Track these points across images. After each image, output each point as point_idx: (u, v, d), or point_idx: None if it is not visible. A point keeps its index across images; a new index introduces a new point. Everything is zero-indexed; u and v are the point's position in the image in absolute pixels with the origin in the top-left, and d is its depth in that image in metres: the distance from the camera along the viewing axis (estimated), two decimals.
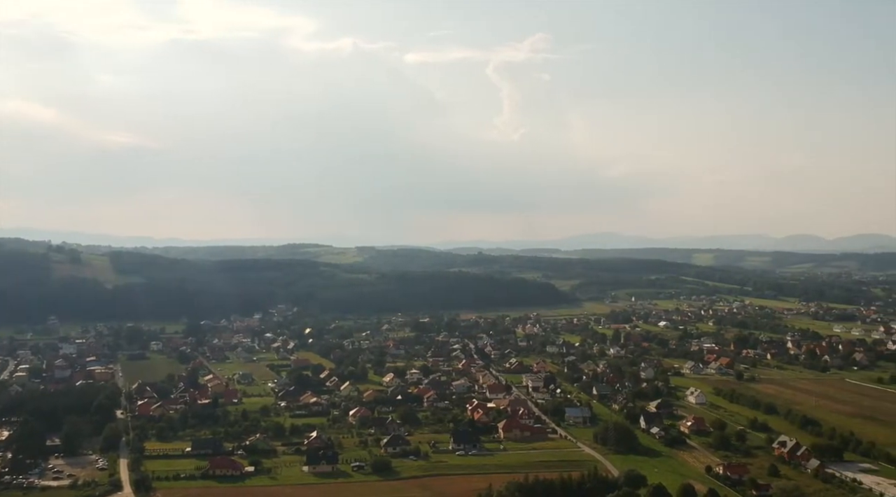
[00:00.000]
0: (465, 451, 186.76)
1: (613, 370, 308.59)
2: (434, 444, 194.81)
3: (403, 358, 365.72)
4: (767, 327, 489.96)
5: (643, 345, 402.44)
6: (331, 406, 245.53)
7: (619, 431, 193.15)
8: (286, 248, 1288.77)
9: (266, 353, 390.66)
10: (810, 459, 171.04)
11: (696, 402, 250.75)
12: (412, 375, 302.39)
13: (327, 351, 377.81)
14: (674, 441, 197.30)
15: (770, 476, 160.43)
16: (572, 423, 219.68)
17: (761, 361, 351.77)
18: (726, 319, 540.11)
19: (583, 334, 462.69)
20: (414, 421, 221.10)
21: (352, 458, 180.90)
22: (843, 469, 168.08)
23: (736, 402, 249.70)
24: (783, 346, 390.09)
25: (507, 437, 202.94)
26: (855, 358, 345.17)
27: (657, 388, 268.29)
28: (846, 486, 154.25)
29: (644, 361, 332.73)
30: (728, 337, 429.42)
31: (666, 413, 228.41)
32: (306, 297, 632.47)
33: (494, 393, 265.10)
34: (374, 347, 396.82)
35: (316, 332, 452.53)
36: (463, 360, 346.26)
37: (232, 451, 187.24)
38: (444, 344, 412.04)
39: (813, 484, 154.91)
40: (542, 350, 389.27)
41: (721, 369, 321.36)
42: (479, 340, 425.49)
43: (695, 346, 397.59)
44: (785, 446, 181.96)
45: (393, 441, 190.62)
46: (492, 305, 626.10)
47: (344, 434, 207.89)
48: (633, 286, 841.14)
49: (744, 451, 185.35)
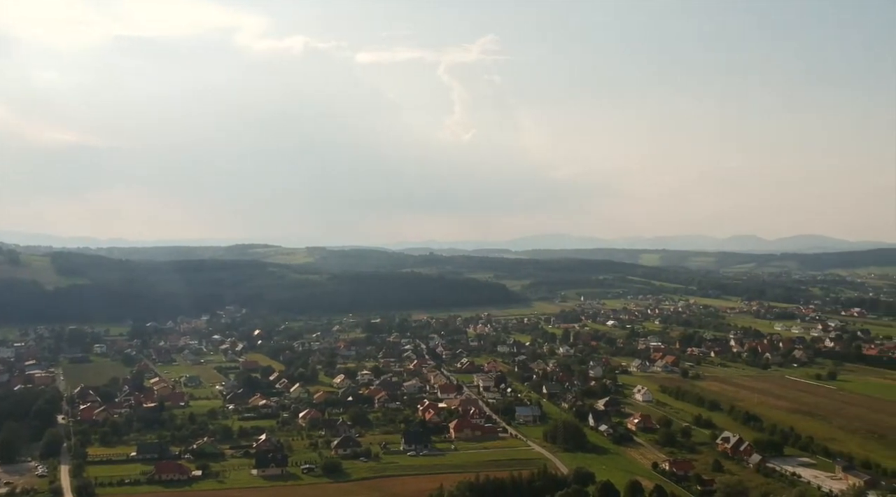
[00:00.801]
0: (416, 452, 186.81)
1: (563, 369, 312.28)
2: (385, 444, 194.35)
3: (354, 359, 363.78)
4: (711, 326, 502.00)
5: (592, 344, 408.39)
6: (280, 408, 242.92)
7: (568, 429, 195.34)
8: (234, 248, 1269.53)
9: (214, 356, 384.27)
10: (752, 454, 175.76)
11: (642, 399, 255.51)
12: (363, 376, 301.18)
13: (277, 352, 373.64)
14: (621, 438, 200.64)
15: (714, 471, 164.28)
16: (523, 422, 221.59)
17: (705, 359, 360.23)
18: (672, 318, 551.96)
19: (533, 334, 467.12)
20: (365, 422, 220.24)
21: (302, 460, 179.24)
22: (784, 463, 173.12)
23: (681, 400, 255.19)
24: (726, 344, 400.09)
25: (459, 436, 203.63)
26: (795, 355, 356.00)
27: (605, 387, 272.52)
28: (786, 480, 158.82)
29: (593, 360, 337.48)
30: (674, 335, 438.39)
31: (614, 411, 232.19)
32: (255, 299, 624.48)
33: (446, 393, 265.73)
34: (324, 349, 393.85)
35: (265, 334, 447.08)
36: (414, 361, 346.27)
37: (179, 455, 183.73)
38: (395, 344, 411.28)
39: (755, 478, 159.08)
40: (493, 350, 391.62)
41: (667, 367, 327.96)
42: (431, 341, 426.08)
43: (642, 344, 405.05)
44: (728, 442, 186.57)
45: (343, 442, 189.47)
46: (443, 306, 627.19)
47: (294, 436, 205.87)
48: (582, 286, 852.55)
49: (689, 448, 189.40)
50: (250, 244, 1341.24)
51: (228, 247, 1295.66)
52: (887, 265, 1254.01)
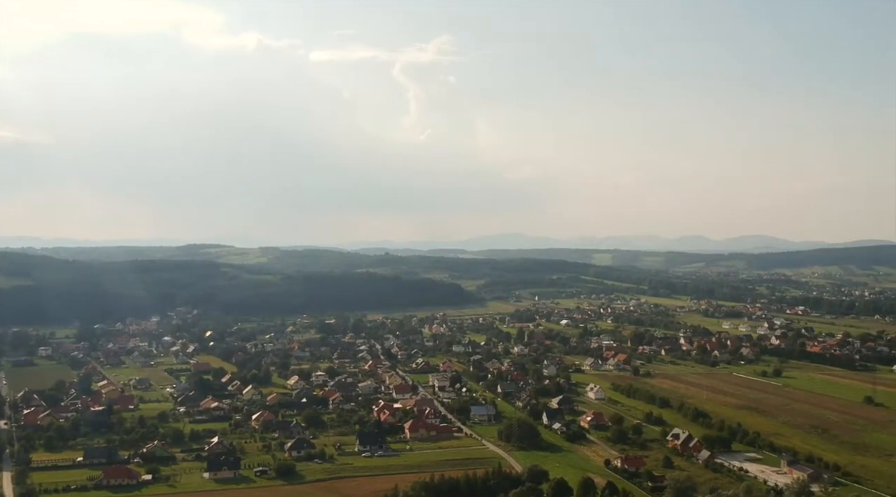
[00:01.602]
0: (370, 453, 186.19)
1: (517, 368, 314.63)
2: (340, 446, 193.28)
3: (309, 360, 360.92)
4: (662, 324, 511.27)
5: (546, 343, 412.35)
6: (233, 410, 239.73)
7: (522, 428, 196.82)
8: (186, 248, 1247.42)
9: (164, 358, 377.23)
10: (701, 450, 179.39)
11: (595, 397, 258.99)
12: (317, 377, 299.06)
13: (229, 354, 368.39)
14: (575, 436, 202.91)
15: (665, 468, 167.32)
16: (478, 422, 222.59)
17: (656, 357, 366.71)
18: (624, 317, 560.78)
19: (488, 333, 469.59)
20: (319, 423, 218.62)
21: (255, 462, 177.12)
22: (731, 459, 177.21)
23: (633, 397, 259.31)
24: (676, 343, 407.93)
25: (414, 437, 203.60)
26: (742, 352, 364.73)
27: (559, 385, 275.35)
28: (734, 475, 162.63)
29: (547, 359, 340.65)
30: (625, 334, 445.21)
31: (567, 409, 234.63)
32: (207, 299, 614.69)
33: (401, 393, 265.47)
34: (278, 350, 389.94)
35: (217, 335, 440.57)
36: (369, 361, 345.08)
37: (128, 460, 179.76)
38: (350, 345, 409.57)
39: (704, 474, 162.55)
40: (448, 350, 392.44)
41: (619, 365, 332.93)
42: (386, 341, 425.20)
43: (594, 343, 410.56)
44: (678, 438, 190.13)
45: (297, 444, 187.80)
46: (399, 306, 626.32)
47: (247, 439, 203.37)
48: (536, 286, 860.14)
49: (640, 444, 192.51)
50: (202, 244, 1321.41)
51: (180, 247, 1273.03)
52: (829, 265, 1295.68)
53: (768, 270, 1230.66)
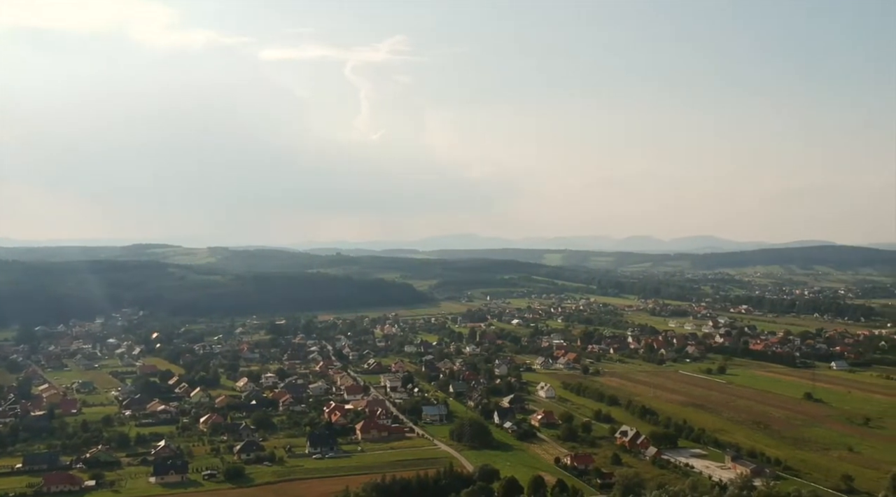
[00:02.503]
0: (321, 455, 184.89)
1: (469, 368, 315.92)
2: (290, 448, 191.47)
3: (258, 361, 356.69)
4: (610, 323, 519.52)
5: (497, 342, 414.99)
6: (180, 413, 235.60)
7: (474, 427, 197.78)
8: (132, 248, 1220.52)
9: (109, 360, 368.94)
10: (649, 447, 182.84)
11: (546, 396, 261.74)
12: (267, 379, 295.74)
13: (177, 356, 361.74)
14: (525, 435, 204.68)
15: (613, 465, 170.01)
16: (429, 422, 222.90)
17: (605, 356, 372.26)
18: (573, 316, 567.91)
19: (440, 333, 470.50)
20: (269, 426, 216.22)
21: (203, 466, 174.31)
22: (677, 455, 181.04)
23: (582, 395, 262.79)
24: (624, 341, 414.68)
25: (365, 437, 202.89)
26: (688, 351, 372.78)
27: (510, 384, 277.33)
28: (680, 471, 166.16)
29: (498, 358, 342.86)
30: (575, 333, 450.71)
31: (518, 408, 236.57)
32: (154, 300, 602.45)
33: (352, 394, 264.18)
34: (227, 351, 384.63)
35: (164, 337, 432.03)
36: (320, 362, 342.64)
37: (70, 465, 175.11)
38: (300, 346, 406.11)
39: (651, 470, 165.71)
40: (400, 350, 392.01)
41: (569, 364, 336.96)
42: (338, 342, 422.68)
43: (545, 342, 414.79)
44: (626, 436, 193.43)
45: (247, 447, 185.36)
46: (350, 306, 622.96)
47: (195, 442, 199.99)
48: (488, 285, 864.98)
49: (589, 442, 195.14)
50: (149, 244, 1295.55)
51: (126, 247, 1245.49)
52: (771, 264, 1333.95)
53: (713, 270, 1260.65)
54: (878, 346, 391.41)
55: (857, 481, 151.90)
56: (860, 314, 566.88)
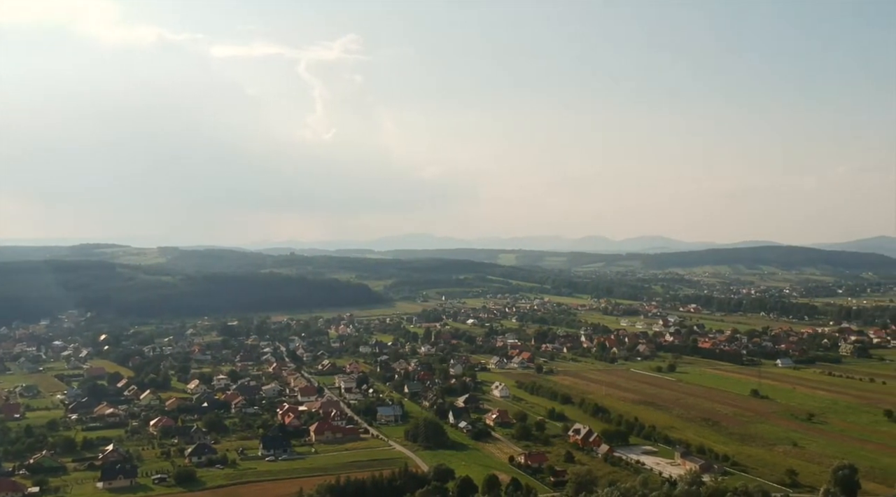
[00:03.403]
0: (275, 457, 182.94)
1: (424, 368, 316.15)
2: (242, 450, 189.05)
3: (210, 363, 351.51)
4: (564, 323, 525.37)
5: (453, 342, 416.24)
6: (129, 417, 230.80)
7: (428, 428, 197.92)
8: (78, 248, 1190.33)
9: (55, 363, 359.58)
10: (601, 445, 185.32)
11: (500, 395, 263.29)
12: (219, 381, 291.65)
13: (125, 358, 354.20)
14: (480, 434, 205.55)
15: (566, 462, 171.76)
16: (384, 422, 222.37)
17: (559, 354, 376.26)
18: (528, 316, 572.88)
19: (395, 333, 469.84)
20: (221, 428, 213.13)
21: (153, 470, 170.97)
22: (629, 452, 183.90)
23: (536, 394, 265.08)
24: (578, 340, 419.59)
25: (319, 439, 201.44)
26: (639, 349, 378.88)
27: (465, 384, 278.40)
28: (631, 468, 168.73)
29: (453, 358, 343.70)
30: (529, 332, 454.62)
31: (473, 407, 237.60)
32: (102, 302, 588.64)
33: (306, 395, 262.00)
34: (177, 353, 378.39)
35: (112, 339, 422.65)
36: (274, 364, 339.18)
37: (12, 472, 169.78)
38: (253, 347, 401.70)
39: (603, 468, 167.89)
40: (355, 350, 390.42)
41: (523, 363, 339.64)
42: (291, 343, 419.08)
43: (500, 342, 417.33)
44: (579, 434, 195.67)
45: (198, 450, 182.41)
46: (304, 307, 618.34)
47: (144, 446, 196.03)
48: (443, 286, 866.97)
49: (543, 440, 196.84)
50: (96, 244, 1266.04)
51: (72, 247, 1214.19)
52: (719, 264, 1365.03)
53: (663, 269, 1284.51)
54: (821, 343, 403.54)
55: (800, 475, 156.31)
56: (804, 313, 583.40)
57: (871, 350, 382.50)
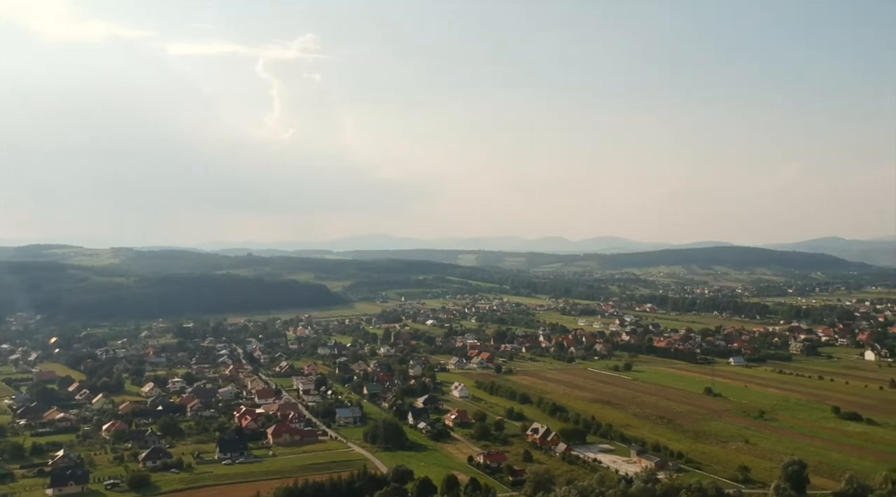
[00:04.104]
0: (231, 460, 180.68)
1: (384, 369, 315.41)
2: (198, 454, 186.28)
3: (165, 366, 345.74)
4: (523, 323, 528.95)
5: (412, 343, 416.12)
6: (81, 421, 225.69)
7: (388, 429, 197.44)
8: (28, 249, 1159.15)
9: (2, 367, 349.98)
10: (559, 444, 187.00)
11: (459, 395, 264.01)
12: (174, 384, 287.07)
13: (77, 361, 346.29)
14: (439, 434, 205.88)
15: (525, 462, 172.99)
16: (343, 424, 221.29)
17: (518, 354, 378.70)
18: (487, 316, 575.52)
19: (354, 335, 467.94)
20: (176, 432, 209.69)
21: (105, 475, 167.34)
22: (586, 451, 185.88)
23: (495, 394, 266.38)
24: (536, 340, 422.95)
25: (277, 442, 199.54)
26: (596, 348, 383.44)
27: (424, 385, 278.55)
28: (588, 466, 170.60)
29: (413, 359, 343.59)
30: (489, 333, 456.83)
31: (432, 408, 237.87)
32: (52, 304, 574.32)
33: (263, 398, 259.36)
34: (131, 356, 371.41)
35: (64, 342, 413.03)
36: (230, 366, 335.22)
37: None
38: (210, 350, 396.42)
39: (561, 466, 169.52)
40: (313, 352, 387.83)
41: (482, 363, 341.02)
42: (248, 345, 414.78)
43: (459, 342, 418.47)
44: (537, 433, 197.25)
45: (152, 454, 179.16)
46: (262, 308, 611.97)
47: (97, 451, 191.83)
48: (402, 286, 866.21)
49: (502, 440, 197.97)
50: (47, 245, 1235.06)
51: (21, 247, 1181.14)
52: (674, 264, 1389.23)
53: (619, 270, 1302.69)
54: (772, 342, 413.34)
55: (752, 471, 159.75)
56: (755, 312, 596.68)
57: (820, 348, 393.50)
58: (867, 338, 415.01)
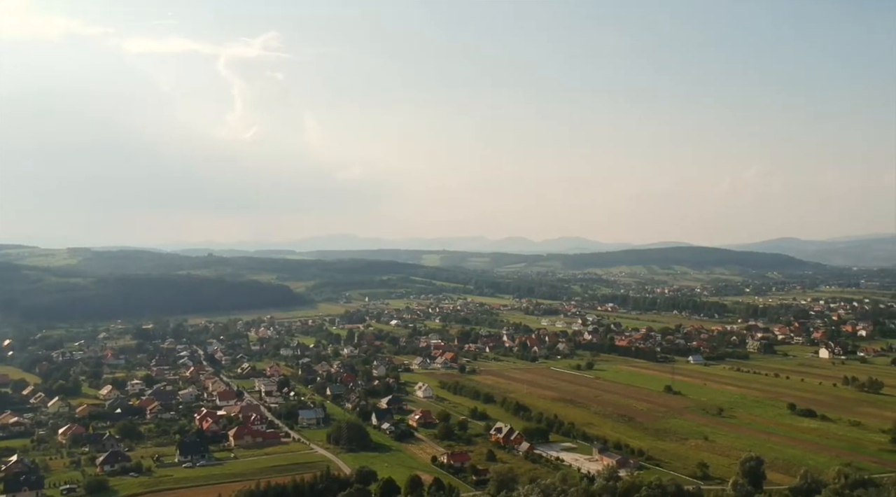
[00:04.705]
0: (192, 463, 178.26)
1: (347, 370, 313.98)
2: (158, 457, 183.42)
3: (124, 368, 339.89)
4: (486, 322, 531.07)
5: (376, 343, 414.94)
6: (36, 425, 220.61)
7: (351, 430, 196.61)
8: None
9: None
10: (522, 442, 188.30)
11: (423, 395, 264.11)
12: (134, 386, 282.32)
13: (32, 364, 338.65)
14: (403, 435, 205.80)
15: (488, 461, 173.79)
16: (306, 426, 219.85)
17: (481, 354, 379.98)
18: (451, 316, 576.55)
19: (317, 335, 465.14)
20: (136, 435, 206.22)
21: (62, 480, 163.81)
22: (549, 449, 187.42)
23: (459, 394, 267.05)
24: (500, 340, 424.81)
25: (239, 444, 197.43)
26: (559, 348, 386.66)
27: (388, 385, 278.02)
28: (551, 465, 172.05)
29: (377, 360, 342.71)
30: (452, 333, 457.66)
31: (396, 408, 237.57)
32: (6, 305, 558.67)
33: (225, 400, 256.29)
34: (89, 358, 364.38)
35: (18, 344, 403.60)
36: (191, 368, 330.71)
37: None
38: (170, 351, 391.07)
39: (524, 465, 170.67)
40: (276, 353, 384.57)
41: (446, 363, 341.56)
42: (209, 346, 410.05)
43: (423, 342, 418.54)
44: (501, 432, 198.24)
45: (110, 458, 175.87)
46: (223, 309, 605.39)
47: (52, 455, 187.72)
48: (366, 287, 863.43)
49: (466, 440, 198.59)
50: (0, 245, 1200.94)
51: None
52: (635, 264, 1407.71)
53: (582, 270, 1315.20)
54: (730, 340, 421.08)
55: (711, 468, 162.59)
56: (714, 311, 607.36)
57: (776, 346, 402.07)
58: (822, 336, 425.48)
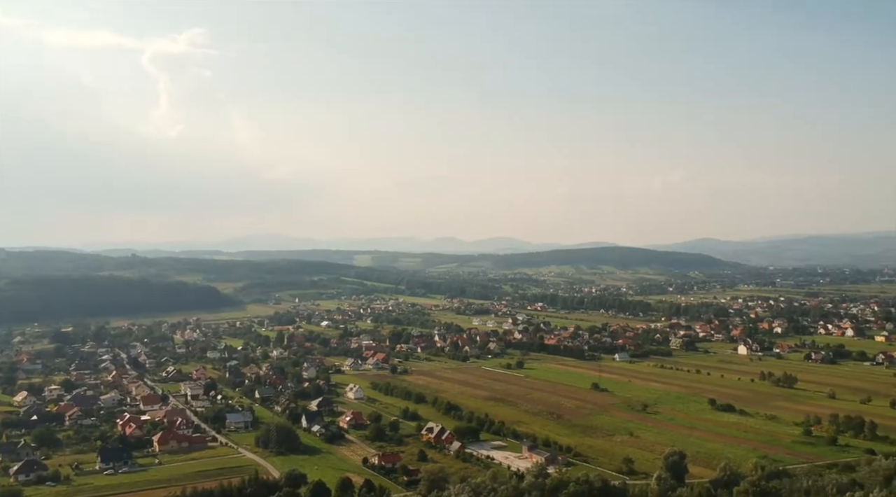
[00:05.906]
0: (114, 470, 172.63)
1: (276, 372, 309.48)
2: (77, 465, 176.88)
3: (41, 373, 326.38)
4: (418, 323, 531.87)
5: (306, 345, 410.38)
6: None
7: (280, 433, 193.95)
8: None
9: None
10: (453, 442, 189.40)
11: (354, 397, 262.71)
12: (51, 392, 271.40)
13: None
14: (334, 437, 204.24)
15: (419, 461, 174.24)
16: (234, 429, 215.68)
17: (413, 354, 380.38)
18: (383, 317, 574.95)
19: (246, 337, 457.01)
20: (53, 442, 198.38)
21: None
22: (480, 448, 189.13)
23: (391, 395, 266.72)
24: (432, 340, 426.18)
25: (164, 449, 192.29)
26: (490, 347, 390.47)
27: (319, 387, 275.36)
28: (482, 463, 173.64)
29: (307, 361, 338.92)
30: (384, 333, 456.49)
31: (327, 410, 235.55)
32: None
33: (149, 404, 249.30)
34: (2, 363, 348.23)
35: None
36: (113, 372, 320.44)
37: None
38: (91, 355, 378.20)
39: (455, 464, 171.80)
40: (202, 356, 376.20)
41: (378, 364, 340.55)
42: (133, 349, 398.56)
43: (354, 343, 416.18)
44: (432, 432, 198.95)
45: (25, 467, 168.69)
46: (147, 311, 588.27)
47: None
48: (297, 287, 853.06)
49: (397, 440, 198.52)
50: None
51: None
52: (563, 264, 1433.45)
53: (512, 270, 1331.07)
54: (654, 338, 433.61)
55: (636, 463, 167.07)
56: (639, 310, 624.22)
57: (698, 343, 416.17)
58: (740, 333, 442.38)
